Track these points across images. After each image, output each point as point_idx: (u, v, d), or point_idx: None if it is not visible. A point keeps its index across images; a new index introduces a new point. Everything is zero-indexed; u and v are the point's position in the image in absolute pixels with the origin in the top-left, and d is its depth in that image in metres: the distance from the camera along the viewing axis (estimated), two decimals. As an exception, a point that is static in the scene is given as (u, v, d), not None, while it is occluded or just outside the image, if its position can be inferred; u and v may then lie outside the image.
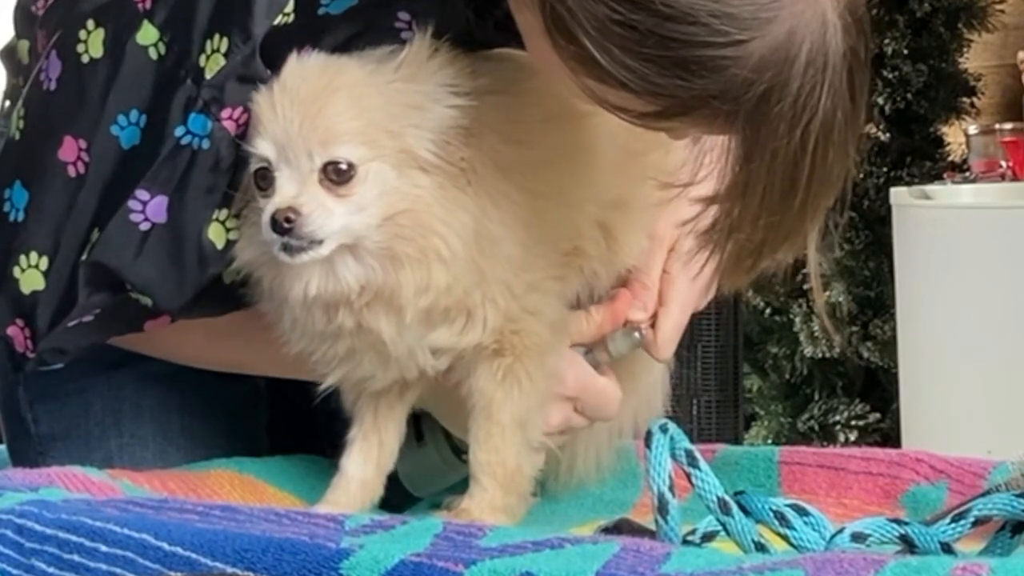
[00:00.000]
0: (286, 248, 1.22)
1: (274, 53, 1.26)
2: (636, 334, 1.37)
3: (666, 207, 1.34)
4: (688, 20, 1.09)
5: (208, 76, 1.26)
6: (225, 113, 1.26)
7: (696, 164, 1.20)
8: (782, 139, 1.13)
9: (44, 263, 1.32)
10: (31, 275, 1.32)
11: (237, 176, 1.28)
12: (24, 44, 1.43)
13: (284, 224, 1.21)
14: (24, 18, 1.43)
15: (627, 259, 1.38)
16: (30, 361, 1.36)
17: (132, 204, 1.28)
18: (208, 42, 1.27)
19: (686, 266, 1.36)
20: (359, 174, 1.22)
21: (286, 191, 1.22)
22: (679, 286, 1.38)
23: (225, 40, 1.26)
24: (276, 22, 1.26)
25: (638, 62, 1.11)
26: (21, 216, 1.33)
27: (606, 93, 1.14)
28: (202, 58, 1.27)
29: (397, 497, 1.40)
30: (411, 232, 1.23)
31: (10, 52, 1.47)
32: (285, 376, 1.44)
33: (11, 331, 1.34)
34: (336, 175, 1.22)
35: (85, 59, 1.30)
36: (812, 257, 1.31)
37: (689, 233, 1.26)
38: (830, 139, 1.14)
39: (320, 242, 1.22)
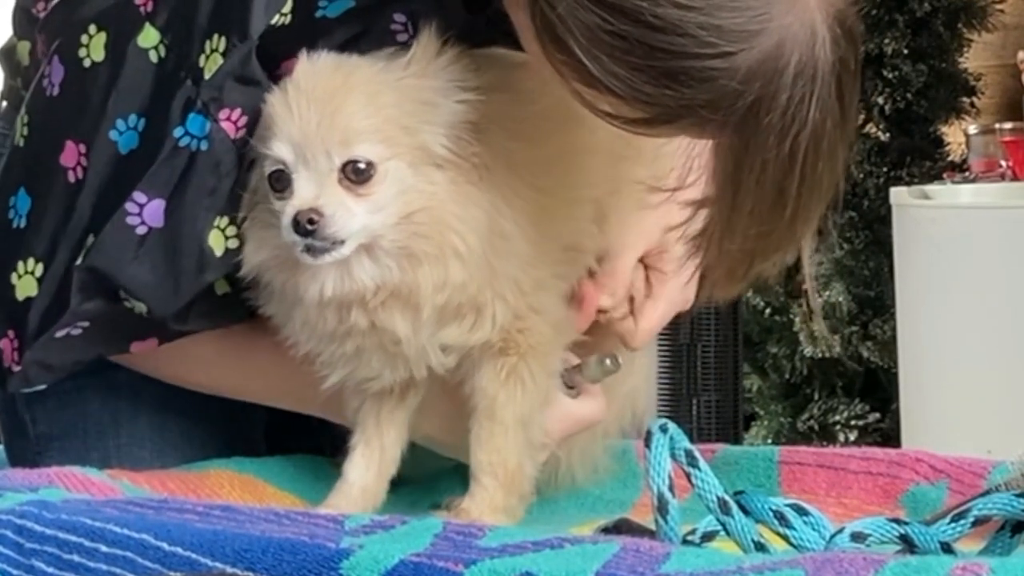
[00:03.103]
0: (309, 249, 1.22)
1: (271, 55, 1.26)
2: (608, 361, 1.36)
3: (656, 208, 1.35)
4: (677, 32, 1.09)
5: (207, 76, 1.26)
6: (223, 114, 1.26)
7: (685, 169, 1.21)
8: (771, 150, 1.13)
9: (40, 269, 1.32)
10: (26, 281, 1.32)
11: (237, 179, 1.28)
12: (24, 45, 1.43)
13: (308, 226, 1.21)
14: (24, 19, 1.43)
15: (610, 238, 1.37)
16: (14, 376, 1.35)
17: (129, 207, 1.28)
18: (207, 42, 1.27)
19: (678, 269, 1.36)
20: (378, 173, 1.23)
21: (306, 192, 1.22)
22: (672, 284, 1.38)
23: (223, 40, 1.26)
24: (274, 22, 1.26)
25: (627, 71, 1.11)
26: (23, 223, 1.33)
27: (595, 99, 1.15)
28: (201, 58, 1.27)
29: (398, 499, 1.40)
30: (428, 230, 1.24)
31: (9, 53, 1.47)
32: (282, 406, 1.45)
33: (2, 344, 1.34)
34: (355, 175, 1.22)
35: (87, 63, 1.30)
36: (807, 265, 1.31)
37: (680, 239, 1.26)
38: (819, 150, 1.14)
39: (342, 242, 1.22)
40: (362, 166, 1.22)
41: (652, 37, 1.10)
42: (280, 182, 1.24)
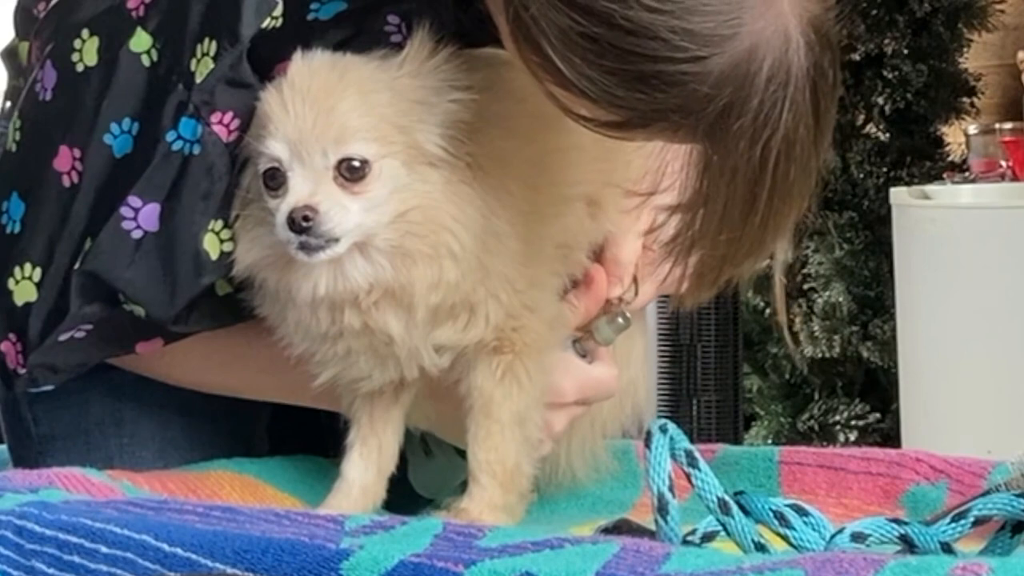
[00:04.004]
0: (304, 247, 1.22)
1: (263, 58, 1.26)
2: (620, 319, 1.37)
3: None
4: (648, 35, 1.10)
5: (198, 80, 1.27)
6: (215, 118, 1.26)
7: (659, 174, 1.21)
8: (742, 155, 1.13)
9: (37, 274, 1.32)
10: (24, 287, 1.32)
11: (231, 183, 1.28)
12: (25, 46, 1.43)
13: (302, 223, 1.21)
14: (25, 19, 1.43)
15: (608, 226, 1.38)
16: (20, 378, 1.35)
17: (124, 212, 1.28)
18: (199, 46, 1.27)
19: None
20: (373, 171, 1.23)
21: (301, 190, 1.22)
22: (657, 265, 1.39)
23: (214, 43, 1.27)
24: (265, 25, 1.26)
25: (599, 73, 1.11)
26: (17, 228, 1.33)
27: (570, 101, 1.15)
28: (193, 62, 1.27)
29: (400, 500, 1.40)
30: (423, 228, 1.24)
31: (11, 53, 1.47)
32: (282, 401, 1.45)
33: (3, 347, 1.34)
34: (350, 172, 1.22)
35: (80, 68, 1.31)
36: (778, 277, 1.31)
37: (654, 242, 1.26)
38: (792, 156, 1.14)
39: (337, 240, 1.22)
40: (357, 164, 1.23)
41: (623, 40, 1.10)
42: (275, 180, 1.24)
